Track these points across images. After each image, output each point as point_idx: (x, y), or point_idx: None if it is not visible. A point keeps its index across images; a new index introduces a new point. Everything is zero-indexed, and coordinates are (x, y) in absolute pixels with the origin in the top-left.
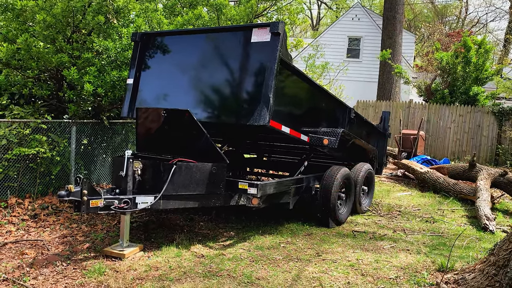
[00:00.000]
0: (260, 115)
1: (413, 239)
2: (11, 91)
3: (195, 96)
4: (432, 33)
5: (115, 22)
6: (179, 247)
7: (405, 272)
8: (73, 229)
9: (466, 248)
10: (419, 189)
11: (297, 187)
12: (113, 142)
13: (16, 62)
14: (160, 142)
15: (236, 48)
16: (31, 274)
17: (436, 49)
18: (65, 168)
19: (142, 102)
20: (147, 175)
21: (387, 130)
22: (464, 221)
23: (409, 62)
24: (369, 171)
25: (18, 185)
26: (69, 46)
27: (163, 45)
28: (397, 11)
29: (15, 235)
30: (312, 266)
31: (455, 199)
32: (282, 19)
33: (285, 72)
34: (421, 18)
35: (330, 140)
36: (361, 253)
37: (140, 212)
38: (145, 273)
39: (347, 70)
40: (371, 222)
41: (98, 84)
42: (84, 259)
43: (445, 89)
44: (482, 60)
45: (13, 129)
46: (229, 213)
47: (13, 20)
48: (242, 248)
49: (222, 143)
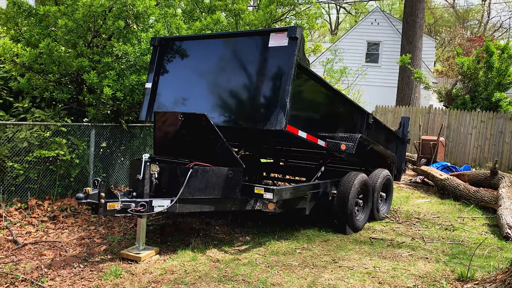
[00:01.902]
0: (276, 119)
1: (432, 247)
2: (32, 95)
3: (212, 100)
4: (453, 38)
5: (135, 27)
6: (195, 251)
7: (423, 281)
8: (91, 231)
9: (487, 258)
10: (438, 196)
11: (313, 192)
12: (131, 145)
13: (38, 66)
14: (177, 146)
15: (254, 53)
16: (49, 275)
17: (457, 54)
18: (84, 170)
19: (160, 106)
20: (164, 178)
21: (406, 136)
22: (485, 230)
23: (429, 67)
24: (388, 177)
25: (38, 186)
26: (89, 51)
27: (181, 50)
28: (417, 15)
29: (34, 236)
30: (328, 273)
31: (475, 207)
32: (300, 24)
33: (303, 77)
34: (442, 22)
35: (348, 146)
36: (378, 261)
37: (156, 215)
38: (161, 276)
39: (366, 75)
40: (389, 229)
41: (117, 88)
42: (100, 261)
43: (466, 95)
44: (506, 65)
45: (34, 131)
46: (245, 217)
47: (36, 25)
48: (258, 253)
49: (239, 148)
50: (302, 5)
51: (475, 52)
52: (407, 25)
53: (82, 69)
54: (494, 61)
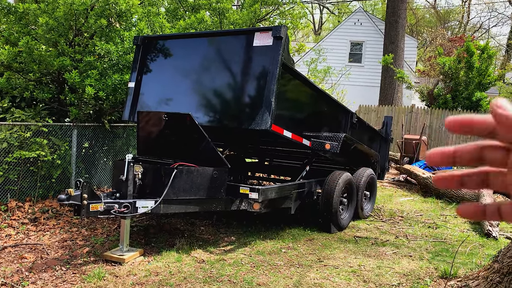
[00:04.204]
0: (262, 119)
1: (415, 245)
2: (12, 94)
3: (196, 100)
4: (435, 38)
5: (117, 26)
6: (180, 252)
7: (407, 278)
8: (73, 233)
9: (469, 255)
10: (421, 194)
11: (298, 192)
12: (114, 145)
13: (18, 65)
14: (161, 146)
15: (238, 52)
16: (30, 279)
17: (439, 54)
18: (66, 171)
19: (143, 105)
20: (148, 179)
21: (389, 135)
22: (467, 227)
23: (411, 67)
24: (371, 176)
25: (18, 188)
26: (71, 50)
27: (165, 49)
28: (399, 16)
29: (14, 238)
30: (313, 272)
31: (457, 205)
32: (284, 23)
33: (287, 77)
34: (424, 23)
35: (332, 145)
36: (363, 259)
37: (140, 216)
38: (145, 278)
39: (349, 74)
40: (373, 228)
41: (99, 87)
42: (83, 263)
43: (447, 94)
44: (485, 65)
45: (14, 132)
46: (230, 217)
47: (15, 23)
48: (243, 253)
49: (224, 147)
50: (286, 4)
51: (456, 52)
52: (390, 25)
53: (64, 68)
54: (474, 61)
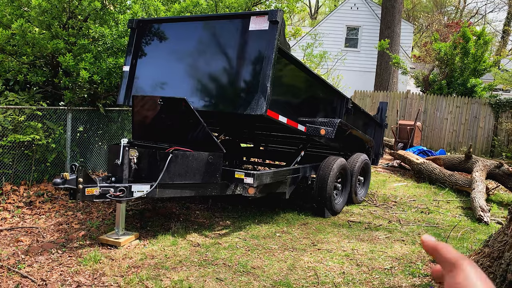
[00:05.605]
0: (257, 104)
1: (408, 230)
2: (5, 77)
3: (192, 84)
4: (431, 24)
5: (112, 9)
6: (175, 236)
7: (400, 262)
8: (69, 216)
9: (460, 239)
10: (415, 179)
11: (293, 177)
12: (109, 129)
13: (11, 47)
14: (156, 131)
15: (234, 36)
16: (26, 262)
17: (435, 39)
18: (61, 155)
19: (138, 89)
20: (143, 163)
21: (384, 121)
22: (459, 212)
23: (407, 52)
24: (366, 161)
25: (13, 172)
26: (64, 32)
27: (160, 32)
28: (396, 0)
29: (10, 222)
30: (307, 256)
31: (450, 190)
32: (280, 7)
33: (283, 61)
34: (420, 8)
35: (327, 131)
36: (356, 243)
37: (136, 200)
38: (141, 261)
39: (345, 59)
40: (367, 213)
41: (94, 71)
42: (79, 247)
43: (442, 80)
44: (481, 51)
45: (8, 115)
46: (225, 202)
47: (8, 5)
48: (238, 237)
49: (219, 132)
50: None
51: (452, 38)
52: (386, 10)
53: (58, 51)
54: (470, 47)
